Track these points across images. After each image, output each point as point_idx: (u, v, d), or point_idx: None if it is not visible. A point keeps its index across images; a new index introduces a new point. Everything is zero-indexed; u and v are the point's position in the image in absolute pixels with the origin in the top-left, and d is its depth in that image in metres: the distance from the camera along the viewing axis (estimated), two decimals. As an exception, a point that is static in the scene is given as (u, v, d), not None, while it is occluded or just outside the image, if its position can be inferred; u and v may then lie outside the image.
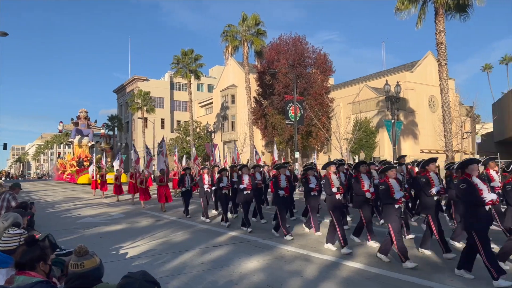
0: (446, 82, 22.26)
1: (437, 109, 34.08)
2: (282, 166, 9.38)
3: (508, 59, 61.30)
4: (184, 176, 13.52)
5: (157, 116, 59.40)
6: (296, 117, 28.74)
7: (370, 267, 6.30)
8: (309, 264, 6.55)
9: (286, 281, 5.66)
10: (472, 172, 5.49)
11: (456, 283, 5.33)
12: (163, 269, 6.38)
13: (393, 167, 6.91)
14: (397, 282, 5.51)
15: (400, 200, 6.35)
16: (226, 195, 10.95)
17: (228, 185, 10.94)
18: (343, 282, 5.57)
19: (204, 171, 12.61)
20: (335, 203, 7.60)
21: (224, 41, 36.09)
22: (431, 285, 5.30)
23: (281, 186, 8.88)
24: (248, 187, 9.98)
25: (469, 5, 22.13)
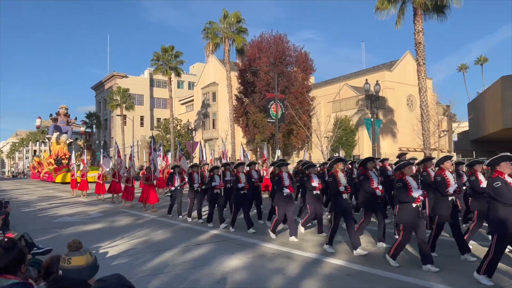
0: (424, 81, 22.68)
1: (415, 108, 34.71)
2: (284, 164, 8.94)
3: (483, 60, 63.02)
4: (173, 174, 12.80)
5: (137, 114, 58.67)
6: (277, 115, 28.80)
7: (351, 263, 6.35)
8: (291, 262, 6.56)
9: (269, 278, 5.65)
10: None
11: (435, 279, 5.43)
12: (144, 268, 6.28)
13: (410, 164, 6.44)
14: (378, 278, 5.57)
15: (418, 199, 5.92)
16: (218, 194, 10.29)
17: (220, 184, 10.25)
18: (325, 279, 5.60)
19: (194, 169, 11.81)
20: (342, 203, 7.21)
21: (205, 38, 35.84)
22: (410, 281, 5.38)
23: (284, 184, 8.36)
24: (246, 187, 9.45)
25: (447, 6, 22.60)
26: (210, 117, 49.57)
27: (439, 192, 6.56)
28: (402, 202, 6.04)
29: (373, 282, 5.42)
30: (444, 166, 6.78)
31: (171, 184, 12.60)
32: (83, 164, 22.15)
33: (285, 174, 8.57)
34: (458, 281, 5.30)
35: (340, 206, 7.19)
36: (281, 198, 8.39)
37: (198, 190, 11.46)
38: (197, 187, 11.40)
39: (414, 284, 5.25)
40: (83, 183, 20.43)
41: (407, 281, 5.39)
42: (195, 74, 66.47)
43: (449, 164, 6.88)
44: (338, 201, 7.27)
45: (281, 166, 8.79)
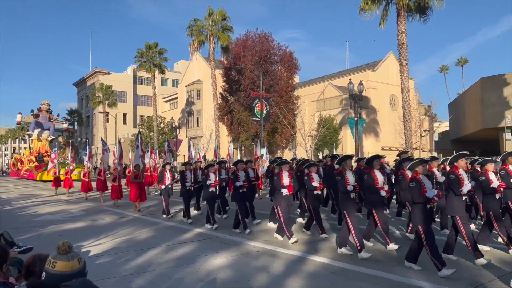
0: (406, 81, 23.04)
1: (398, 108, 35.22)
2: (285, 162, 8.46)
3: (463, 61, 64.37)
4: (164, 172, 12.16)
5: (119, 111, 57.94)
6: (262, 113, 28.84)
7: (335, 261, 6.41)
8: (276, 260, 6.59)
9: (253, 277, 5.66)
10: None
11: (418, 276, 5.52)
12: (127, 267, 6.22)
13: (424, 162, 6.12)
14: (361, 276, 5.64)
15: (432, 199, 5.66)
16: (213, 193, 9.81)
17: (215, 182, 9.76)
18: (309, 276, 5.64)
19: (186, 167, 11.34)
20: (350, 202, 6.89)
21: (189, 35, 35.64)
22: (393, 278, 5.46)
23: (284, 184, 8.03)
24: (244, 185, 9.13)
25: (429, 7, 23.01)
26: (194, 115, 49.28)
27: (453, 192, 6.20)
28: (415, 202, 5.74)
29: (356, 279, 5.48)
30: (459, 164, 6.39)
31: (161, 182, 12.02)
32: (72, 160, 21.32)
33: (285, 173, 8.16)
34: (439, 278, 5.40)
35: (347, 206, 6.88)
36: (281, 198, 8.04)
37: (191, 189, 11.04)
38: (190, 186, 10.97)
39: (397, 281, 5.33)
40: (67, 181, 19.65)
41: (390, 278, 5.46)
42: (179, 71, 65.97)
43: (464, 162, 6.48)
44: (345, 201, 6.95)
45: (282, 165, 8.33)
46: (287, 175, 8.14)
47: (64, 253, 2.47)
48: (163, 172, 12.12)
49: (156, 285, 5.33)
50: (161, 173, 12.30)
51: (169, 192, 11.84)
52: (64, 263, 2.44)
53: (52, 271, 2.42)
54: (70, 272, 2.43)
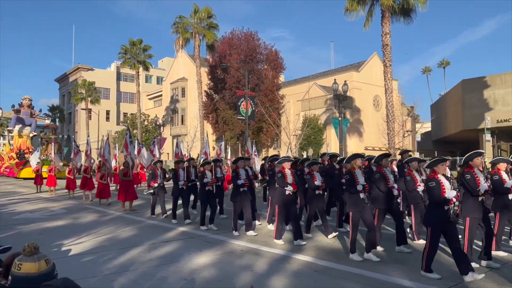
0: (390, 82, 23.33)
1: (381, 108, 35.66)
2: (286, 160, 8.17)
3: (445, 63, 65.57)
4: (155, 170, 11.70)
5: (102, 108, 57.13)
6: (247, 112, 28.84)
7: (318, 260, 6.45)
8: (260, 258, 6.59)
9: (237, 275, 5.65)
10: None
11: (399, 274, 5.60)
12: (109, 266, 6.14)
13: (443, 161, 5.73)
14: (344, 274, 5.69)
15: (452, 201, 5.33)
16: (210, 192, 9.40)
17: (212, 180, 9.37)
18: (292, 275, 5.66)
19: (179, 165, 10.81)
20: (358, 202, 6.51)
21: (174, 32, 35.38)
22: (376, 276, 5.52)
23: (288, 181, 7.62)
24: (246, 184, 8.64)
25: (413, 10, 23.35)
26: (179, 113, 48.95)
27: (469, 192, 5.87)
28: (433, 203, 5.44)
29: (339, 278, 5.53)
30: (474, 163, 6.04)
31: (153, 181, 11.49)
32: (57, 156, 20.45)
33: (288, 171, 7.82)
34: (420, 276, 5.49)
35: (357, 207, 6.51)
36: (282, 197, 7.66)
37: (184, 188, 10.58)
38: (182, 185, 10.51)
39: (379, 280, 5.40)
40: (50, 179, 18.88)
41: (373, 276, 5.53)
42: (164, 68, 65.41)
43: (480, 161, 6.10)
44: (353, 201, 6.58)
45: (283, 162, 7.98)
46: (291, 173, 7.82)
47: (30, 254, 2.36)
48: (154, 170, 11.71)
49: (139, 284, 5.27)
50: (153, 171, 11.85)
51: (165, 191, 11.44)
52: (30, 265, 2.32)
53: (18, 273, 2.31)
54: (37, 274, 2.31)
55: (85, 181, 16.19)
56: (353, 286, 5.17)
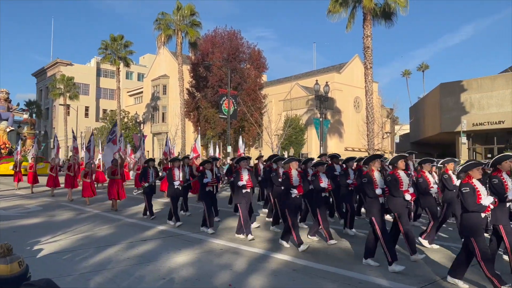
0: (370, 84, 23.66)
1: (361, 110, 36.12)
2: (293, 160, 7.70)
3: (424, 67, 66.86)
4: (147, 169, 11.08)
5: (81, 104, 56.11)
6: (229, 111, 28.79)
7: (297, 259, 6.49)
8: (239, 257, 6.60)
9: (216, 274, 5.64)
10: None
11: (375, 273, 5.69)
12: (86, 264, 6.03)
13: (479, 165, 5.39)
14: (322, 273, 5.75)
15: (488, 208, 4.99)
16: (210, 192, 8.83)
17: (213, 180, 8.81)
18: (271, 274, 5.69)
19: (175, 164, 10.19)
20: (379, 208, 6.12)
21: (157, 29, 35.01)
22: (353, 275, 5.60)
23: (293, 183, 7.20)
24: (248, 185, 8.14)
25: (394, 13, 23.74)
26: (159, 110, 48.45)
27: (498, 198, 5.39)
28: (468, 211, 5.03)
29: (317, 276, 5.58)
30: (502, 167, 5.68)
31: (144, 180, 10.84)
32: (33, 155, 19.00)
33: (294, 171, 7.35)
34: (395, 275, 5.60)
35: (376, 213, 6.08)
36: (289, 200, 7.21)
37: (179, 188, 10.04)
38: (178, 185, 9.92)
39: (356, 279, 5.47)
40: (30, 176, 18.06)
41: (350, 275, 5.60)
42: (145, 65, 64.62)
43: (508, 165, 5.73)
44: (373, 206, 6.15)
45: (290, 162, 7.52)
46: (297, 174, 7.36)
47: (2, 256, 2.28)
48: (146, 169, 11.10)
49: (116, 283, 5.20)
50: (144, 169, 11.23)
51: (154, 191, 11.03)
52: (1, 267, 2.24)
53: None
54: (8, 276, 2.23)
55: (70, 179, 15.49)
56: (330, 285, 5.23)
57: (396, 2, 22.97)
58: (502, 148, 28.01)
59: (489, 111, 28.25)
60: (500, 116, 27.57)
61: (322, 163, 8.24)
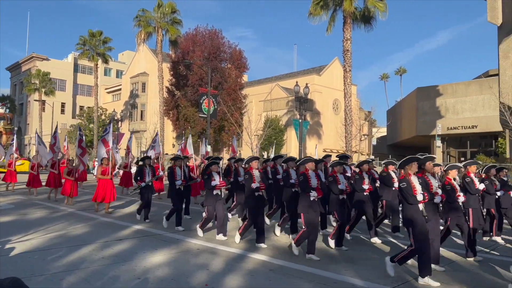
0: (349, 87, 23.98)
1: (340, 112, 36.55)
2: (309, 160, 7.19)
3: (402, 71, 68.25)
4: (143, 167, 10.49)
5: (57, 100, 54.79)
6: (209, 110, 28.66)
7: (274, 259, 6.53)
8: (216, 257, 6.58)
9: (192, 274, 5.61)
10: None
11: (350, 273, 5.77)
12: (58, 264, 5.90)
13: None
14: (298, 273, 5.79)
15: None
16: (218, 196, 8.14)
17: (221, 183, 8.15)
18: (248, 274, 5.70)
19: (176, 163, 9.54)
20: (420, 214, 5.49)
21: (137, 26, 34.53)
22: (328, 275, 5.67)
23: (311, 185, 6.74)
24: (261, 187, 7.54)
25: (373, 17, 24.14)
26: (138, 108, 47.80)
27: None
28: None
29: (293, 276, 5.62)
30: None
31: (140, 179, 10.26)
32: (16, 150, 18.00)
33: (311, 172, 6.88)
34: (369, 275, 5.69)
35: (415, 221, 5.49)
36: (307, 203, 6.69)
37: (181, 188, 9.37)
38: (180, 185, 9.28)
39: (331, 278, 5.54)
40: (9, 174, 17.13)
41: (325, 275, 5.67)
42: (124, 62, 63.65)
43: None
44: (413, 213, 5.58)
45: (307, 162, 7.05)
46: (315, 175, 6.91)
47: None
48: (142, 167, 10.52)
49: (89, 283, 5.11)
50: (140, 167, 10.64)
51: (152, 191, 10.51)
52: None
53: None
54: None
55: (53, 177, 14.47)
56: (306, 285, 5.27)
57: (376, 7, 23.35)
58: (475, 151, 28.82)
59: (463, 115, 29.03)
60: (473, 121, 28.37)
61: (341, 163, 7.68)
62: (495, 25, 16.55)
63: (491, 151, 27.85)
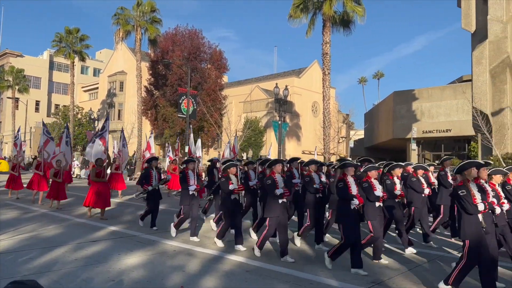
0: (328, 90, 24.23)
1: (319, 115, 36.90)
2: (350, 165, 6.50)
3: (380, 75, 69.55)
4: (149, 170, 9.58)
5: (32, 98, 53.35)
6: (188, 110, 28.46)
7: (251, 260, 6.53)
8: (192, 259, 6.53)
9: (168, 276, 5.56)
10: None
11: (325, 274, 5.83)
12: (29, 266, 5.75)
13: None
14: (274, 273, 5.81)
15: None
16: (237, 201, 7.46)
17: (239, 187, 7.37)
18: (224, 275, 5.68)
19: (189, 166, 8.47)
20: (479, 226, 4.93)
21: (115, 24, 34.00)
22: (304, 276, 5.71)
23: (352, 192, 6.15)
24: (286, 193, 6.78)
25: (352, 21, 24.48)
26: (115, 107, 47.02)
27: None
28: None
29: (270, 277, 5.64)
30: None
31: (146, 183, 9.37)
32: None
33: (350, 178, 6.27)
34: (345, 275, 5.76)
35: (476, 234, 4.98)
36: (349, 212, 6.07)
37: (195, 194, 8.34)
38: (194, 190, 8.22)
39: (307, 279, 5.58)
40: None
41: (301, 276, 5.71)
42: (102, 60, 62.54)
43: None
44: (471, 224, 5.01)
45: (346, 167, 6.37)
46: (354, 182, 6.29)
47: None
48: (148, 170, 9.66)
49: (62, 285, 5.00)
50: (146, 170, 9.82)
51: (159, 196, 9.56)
52: None
53: None
54: None
55: (38, 179, 13.26)
56: (282, 285, 5.30)
57: (355, 11, 23.69)
58: (449, 155, 29.58)
59: (438, 119, 29.77)
60: (447, 125, 29.13)
61: (376, 167, 6.97)
62: (469, 32, 17.04)
63: (464, 154, 28.65)
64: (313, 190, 7.52)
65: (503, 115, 15.75)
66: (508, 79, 15.78)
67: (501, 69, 15.85)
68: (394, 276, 5.86)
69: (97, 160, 10.95)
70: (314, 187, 7.57)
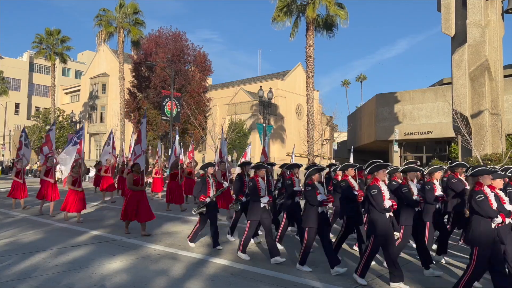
0: (311, 92, 24.42)
1: (303, 117, 37.12)
2: (381, 166, 5.85)
3: (362, 78, 70.38)
4: (206, 178, 7.98)
5: (11, 100, 52.28)
6: (172, 113, 28.29)
7: (235, 263, 6.52)
8: (176, 263, 6.49)
9: (151, 280, 5.50)
10: None
11: (310, 276, 5.86)
12: (9, 272, 5.61)
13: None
14: (258, 276, 5.82)
15: None
16: (265, 208, 6.84)
17: (329, 197, 6.27)
18: (208, 279, 5.66)
19: (259, 173, 7.05)
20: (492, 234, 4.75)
21: (97, 25, 33.66)
22: (288, 278, 5.72)
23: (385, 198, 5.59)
24: (329, 199, 6.18)
25: (335, 25, 24.76)
26: (98, 110, 46.40)
27: None
28: None
29: (254, 280, 5.64)
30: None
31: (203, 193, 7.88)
32: None
33: (382, 184, 5.73)
34: (329, 277, 5.80)
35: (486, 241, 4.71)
36: (383, 221, 5.56)
37: (266, 207, 6.96)
38: (267, 202, 6.91)
39: (292, 281, 5.60)
40: None
41: (286, 278, 5.72)
42: (84, 62, 61.68)
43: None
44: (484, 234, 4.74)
45: (377, 170, 5.78)
46: (387, 188, 5.79)
47: None
48: (205, 178, 8.13)
49: (42, 292, 4.90)
50: (203, 178, 8.16)
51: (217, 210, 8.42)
52: None
53: None
54: None
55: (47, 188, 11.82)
56: (267, 287, 5.31)
57: (337, 14, 23.96)
58: (430, 156, 30.09)
59: (419, 121, 30.26)
60: (428, 127, 29.63)
61: (417, 169, 6.76)
62: (448, 36, 17.40)
63: (445, 156, 29.17)
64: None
65: (482, 117, 16.11)
66: (487, 82, 16.16)
67: (480, 72, 16.22)
68: (375, 277, 5.93)
69: (73, 167, 10.54)
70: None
